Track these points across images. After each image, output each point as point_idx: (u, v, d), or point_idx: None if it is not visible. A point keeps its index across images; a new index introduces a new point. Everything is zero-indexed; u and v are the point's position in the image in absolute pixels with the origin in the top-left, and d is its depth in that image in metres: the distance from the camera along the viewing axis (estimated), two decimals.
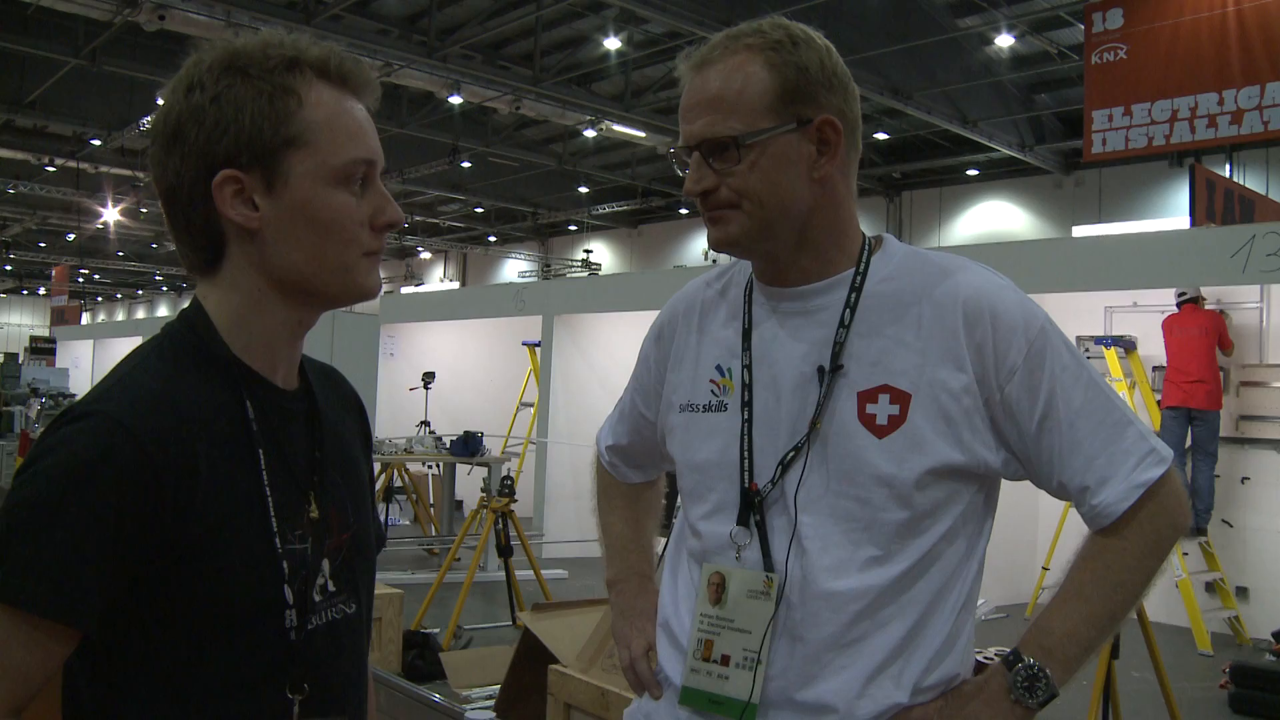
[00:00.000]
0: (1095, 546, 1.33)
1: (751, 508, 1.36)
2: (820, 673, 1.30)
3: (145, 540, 1.00)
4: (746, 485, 1.36)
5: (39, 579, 0.96)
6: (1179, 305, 7.07)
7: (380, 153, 1.15)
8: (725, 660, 1.36)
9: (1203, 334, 6.96)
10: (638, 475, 1.73)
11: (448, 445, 8.97)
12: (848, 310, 1.35)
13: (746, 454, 1.37)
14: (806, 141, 1.32)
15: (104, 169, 17.93)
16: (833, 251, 1.38)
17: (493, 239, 27.02)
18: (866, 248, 1.41)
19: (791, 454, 1.34)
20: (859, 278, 1.37)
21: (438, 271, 29.87)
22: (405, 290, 25.76)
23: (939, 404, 1.30)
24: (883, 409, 1.31)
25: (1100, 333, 7.42)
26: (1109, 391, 1.35)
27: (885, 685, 1.30)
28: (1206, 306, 7.12)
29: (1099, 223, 14.83)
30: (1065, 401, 1.31)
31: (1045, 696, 1.27)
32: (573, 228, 25.32)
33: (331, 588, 1.15)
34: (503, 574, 6.33)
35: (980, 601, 6.64)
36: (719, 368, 1.44)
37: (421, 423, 9.74)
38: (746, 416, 1.38)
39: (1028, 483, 1.41)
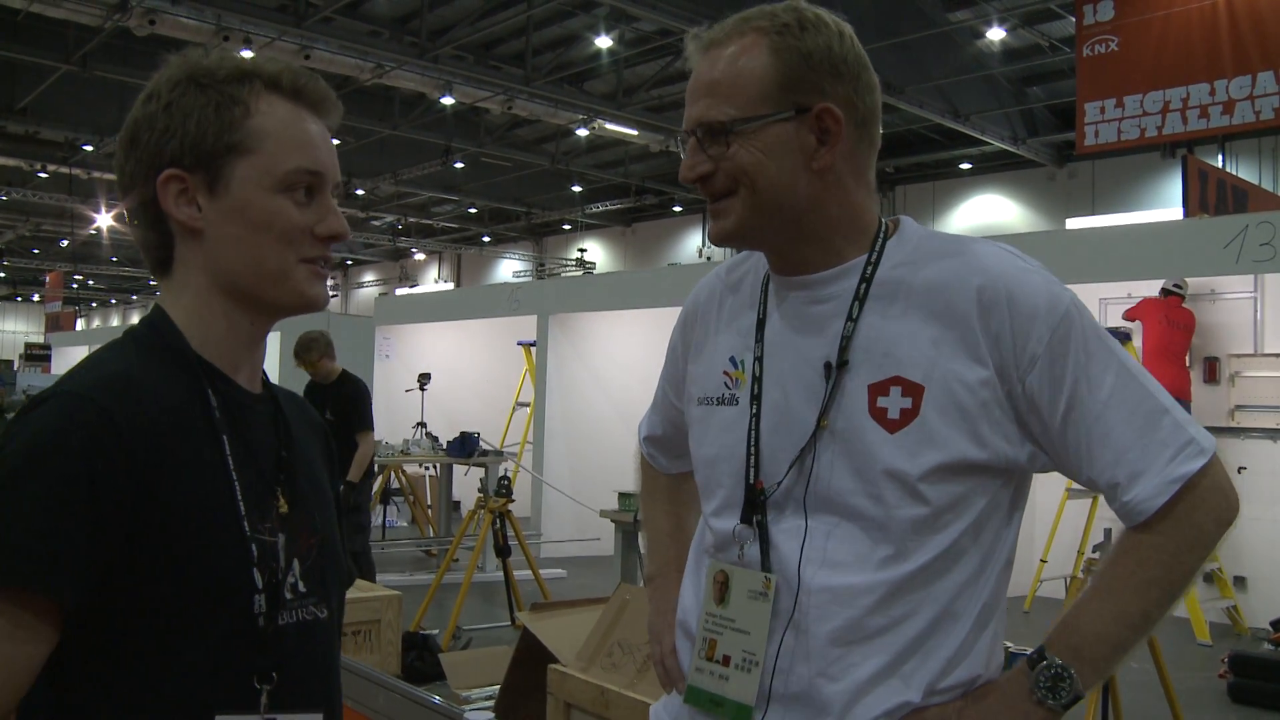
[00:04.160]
0: (1129, 542, 1.26)
1: (754, 506, 1.32)
2: (828, 669, 1.26)
3: (118, 510, 1.00)
4: (751, 482, 1.33)
5: (9, 549, 0.96)
6: (1164, 295, 7.14)
7: (331, 167, 1.17)
8: (726, 661, 1.34)
9: (1184, 330, 7.08)
10: (676, 465, 1.68)
11: (444, 446, 8.97)
12: (856, 303, 1.30)
13: (753, 450, 1.33)
14: (805, 130, 1.27)
15: (96, 174, 17.89)
16: (839, 242, 1.33)
17: (487, 239, 26.99)
18: (882, 233, 1.35)
19: (804, 448, 1.29)
20: (870, 267, 1.32)
21: (432, 272, 29.85)
22: (400, 292, 25.76)
23: (954, 397, 1.24)
24: (894, 402, 1.25)
25: None
26: (1143, 378, 1.26)
27: (893, 683, 1.25)
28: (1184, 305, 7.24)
29: (1092, 215, 14.86)
30: (1092, 391, 1.23)
31: (1069, 698, 1.21)
32: (566, 227, 25.30)
33: (302, 588, 1.15)
34: (501, 574, 6.33)
35: None
36: (732, 359, 1.40)
37: (418, 424, 9.73)
38: (755, 411, 1.34)
39: None
